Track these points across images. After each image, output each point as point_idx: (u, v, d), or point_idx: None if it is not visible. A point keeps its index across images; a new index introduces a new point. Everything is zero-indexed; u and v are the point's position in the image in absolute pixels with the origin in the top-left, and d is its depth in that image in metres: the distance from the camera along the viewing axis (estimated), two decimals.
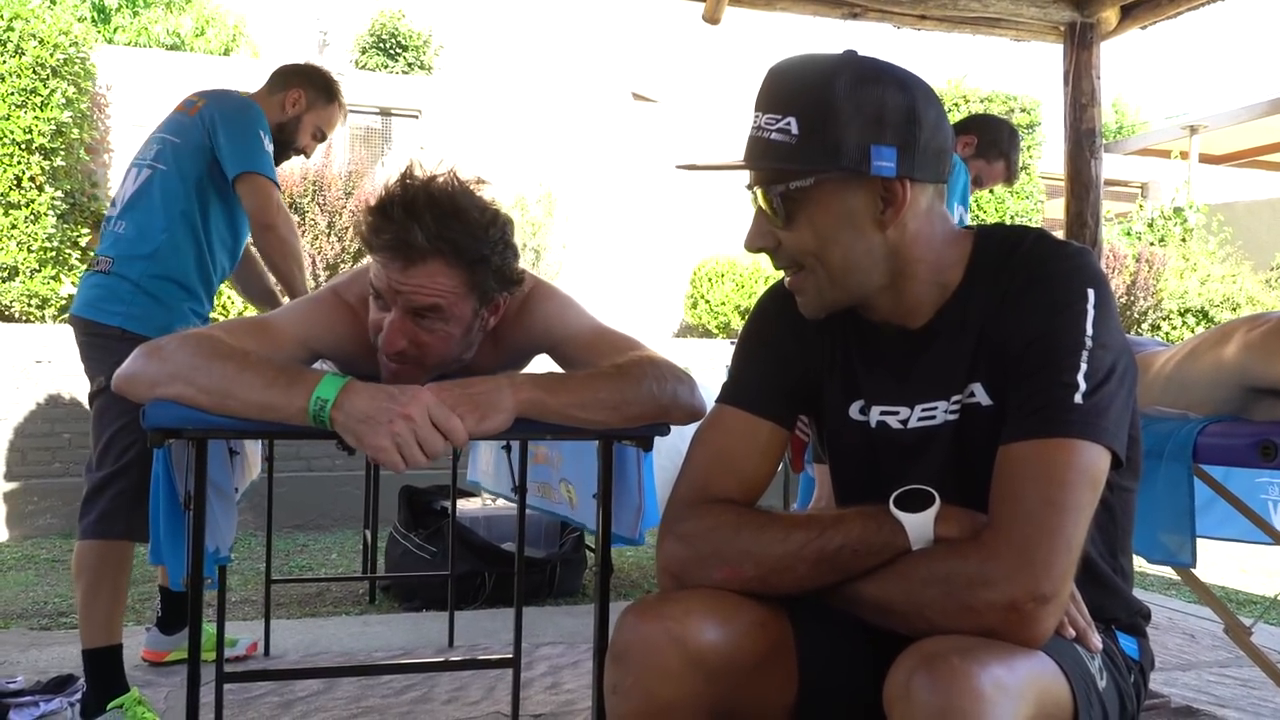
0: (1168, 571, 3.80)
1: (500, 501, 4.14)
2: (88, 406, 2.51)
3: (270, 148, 2.60)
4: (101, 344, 2.44)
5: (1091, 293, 1.13)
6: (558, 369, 1.73)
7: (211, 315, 2.69)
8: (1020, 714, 0.96)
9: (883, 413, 1.25)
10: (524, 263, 1.68)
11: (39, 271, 6.92)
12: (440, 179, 1.53)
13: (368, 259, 1.60)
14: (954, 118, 11.12)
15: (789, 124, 1.13)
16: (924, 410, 1.22)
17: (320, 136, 2.86)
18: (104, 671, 2.41)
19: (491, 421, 1.41)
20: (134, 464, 2.36)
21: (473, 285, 1.55)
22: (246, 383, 1.38)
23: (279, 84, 2.78)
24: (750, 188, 1.20)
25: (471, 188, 1.57)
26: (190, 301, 2.54)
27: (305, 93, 2.77)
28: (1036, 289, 1.15)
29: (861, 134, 1.12)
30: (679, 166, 1.26)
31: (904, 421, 1.23)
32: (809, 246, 1.18)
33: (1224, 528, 2.41)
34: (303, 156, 2.90)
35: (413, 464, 1.36)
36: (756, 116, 1.18)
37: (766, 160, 1.16)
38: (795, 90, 1.15)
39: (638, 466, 1.74)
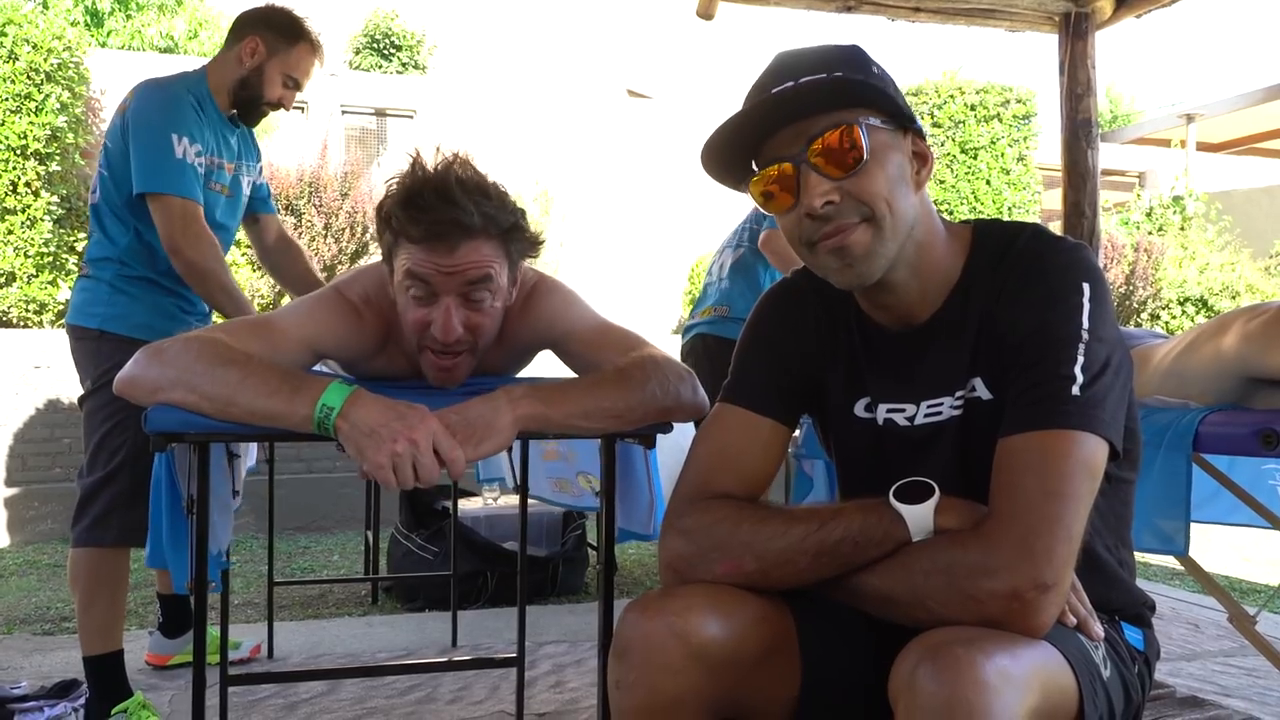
0: (1171, 561, 3.81)
1: (502, 500, 4.14)
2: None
3: (189, 150, 2.36)
4: (84, 346, 2.42)
5: (1087, 286, 1.14)
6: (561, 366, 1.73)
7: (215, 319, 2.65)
8: (1025, 703, 0.96)
9: (890, 410, 1.25)
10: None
11: (36, 277, 6.91)
12: (455, 162, 1.54)
13: (367, 259, 1.59)
14: (948, 111, 11.03)
15: (839, 77, 1.15)
16: (930, 406, 1.22)
17: (293, 85, 2.57)
18: (106, 677, 2.41)
19: (486, 445, 1.41)
20: (124, 467, 2.34)
21: (508, 254, 1.57)
22: (250, 390, 1.37)
23: (234, 36, 2.54)
24: (788, 157, 1.16)
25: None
26: (171, 298, 2.47)
27: (263, 39, 2.50)
28: (1033, 283, 1.16)
29: (895, 94, 1.18)
30: (708, 166, 1.22)
31: (911, 418, 1.24)
32: (882, 190, 1.15)
33: (1235, 514, 2.40)
34: (281, 110, 2.61)
35: (404, 486, 1.36)
36: (795, 83, 1.15)
37: (836, 97, 1.14)
38: (828, 57, 1.18)
39: (645, 463, 1.74)
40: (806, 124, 1.15)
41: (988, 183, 10.31)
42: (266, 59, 2.52)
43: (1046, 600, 1.02)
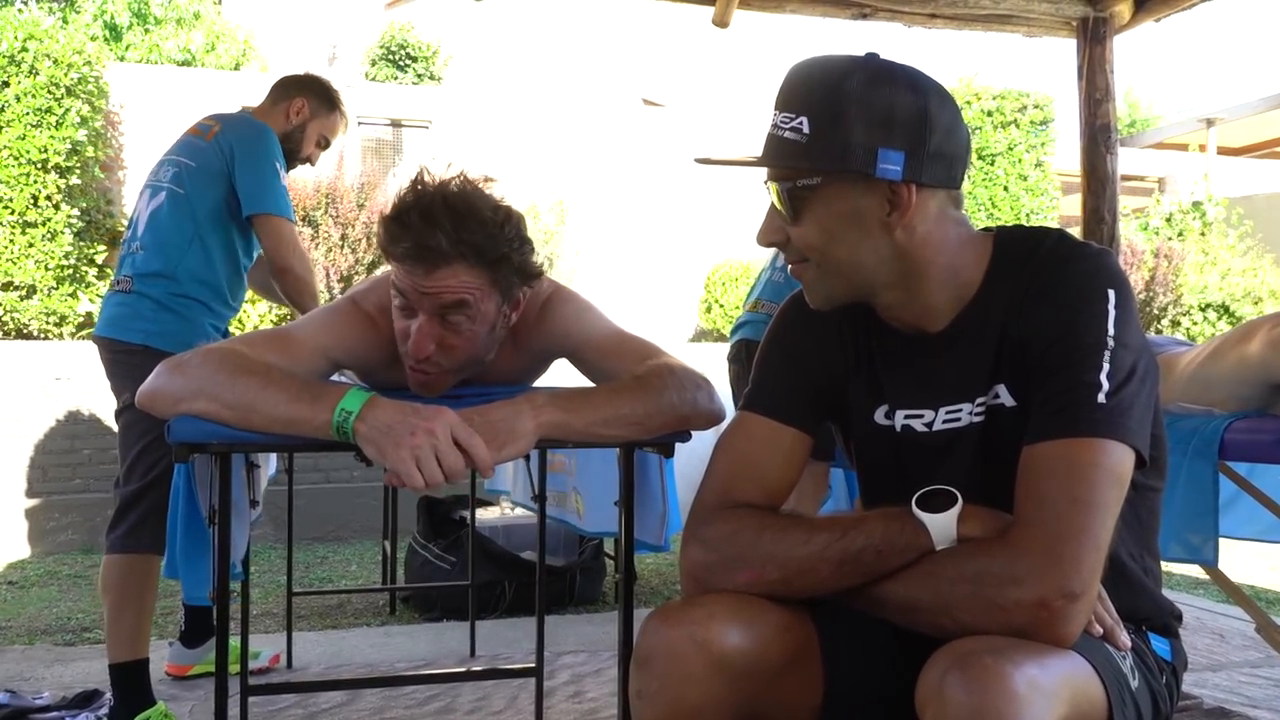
0: (1195, 571, 3.77)
1: (519, 510, 4.14)
2: (114, 424, 2.54)
3: (285, 178, 2.63)
4: (126, 360, 2.46)
5: (1112, 293, 1.13)
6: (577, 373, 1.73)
7: (231, 329, 2.70)
8: (1055, 713, 0.95)
9: (907, 416, 1.25)
10: None
11: (56, 289, 6.96)
12: (453, 183, 1.54)
13: (383, 269, 1.60)
14: (965, 117, 11.15)
15: (801, 123, 1.14)
16: (948, 413, 1.21)
17: (324, 144, 2.88)
18: (131, 685, 2.42)
19: (510, 449, 1.41)
20: (161, 479, 2.36)
21: (495, 283, 1.55)
22: (270, 398, 1.38)
23: (281, 95, 2.81)
24: (766, 183, 1.21)
25: (482, 188, 1.57)
26: (210, 317, 2.57)
27: (308, 102, 2.80)
28: (1058, 289, 1.15)
29: (869, 136, 1.12)
30: (697, 160, 1.27)
31: (929, 424, 1.23)
32: (814, 243, 1.18)
33: (1245, 527, 2.38)
34: (309, 165, 2.91)
35: (431, 481, 1.34)
36: (775, 115, 1.18)
37: (778, 158, 1.17)
38: (809, 90, 1.16)
39: (660, 473, 1.73)
40: (768, 166, 1.20)
41: (1005, 189, 10.27)
42: (309, 119, 2.81)
43: (1074, 609, 1.01)
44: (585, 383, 1.67)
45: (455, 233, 1.48)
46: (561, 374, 1.75)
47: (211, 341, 2.48)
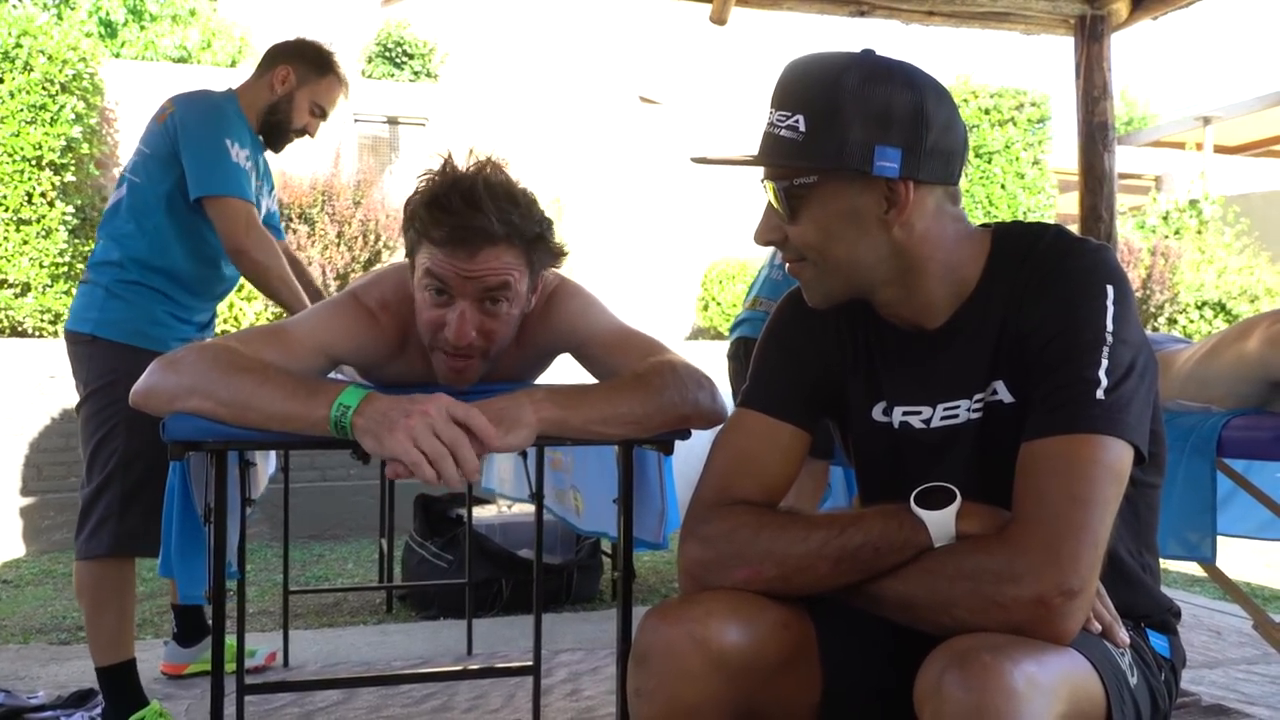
0: (1191, 568, 3.77)
1: (516, 508, 4.13)
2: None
3: (238, 155, 2.43)
4: (77, 352, 2.41)
5: (1111, 288, 1.13)
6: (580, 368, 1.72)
7: (223, 327, 2.67)
8: (1054, 711, 0.95)
9: (905, 413, 1.24)
10: None
11: (51, 287, 6.94)
12: (487, 167, 1.53)
13: (383, 264, 1.59)
14: (962, 116, 11.24)
15: (797, 121, 1.14)
16: (946, 409, 1.21)
17: (320, 113, 2.69)
18: (120, 687, 2.40)
19: (515, 436, 1.40)
20: (115, 475, 2.33)
21: (530, 263, 1.56)
22: (266, 394, 1.37)
23: (267, 64, 2.64)
24: (763, 182, 1.21)
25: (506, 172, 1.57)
26: (166, 305, 2.45)
27: (294, 69, 2.61)
28: (1056, 285, 1.14)
29: (866, 134, 1.12)
30: (693, 159, 1.27)
31: (927, 421, 1.23)
32: (812, 241, 1.18)
33: (1239, 524, 2.38)
34: (308, 136, 2.72)
35: (433, 455, 1.30)
36: (771, 113, 1.18)
37: (774, 156, 1.17)
38: (805, 88, 1.16)
39: (659, 470, 1.73)
40: (764, 165, 1.19)
41: (1003, 187, 10.29)
42: (297, 87, 2.63)
43: (1072, 606, 1.01)
44: (586, 378, 1.67)
45: (500, 213, 1.47)
46: (563, 372, 1.74)
47: (175, 329, 2.44)
